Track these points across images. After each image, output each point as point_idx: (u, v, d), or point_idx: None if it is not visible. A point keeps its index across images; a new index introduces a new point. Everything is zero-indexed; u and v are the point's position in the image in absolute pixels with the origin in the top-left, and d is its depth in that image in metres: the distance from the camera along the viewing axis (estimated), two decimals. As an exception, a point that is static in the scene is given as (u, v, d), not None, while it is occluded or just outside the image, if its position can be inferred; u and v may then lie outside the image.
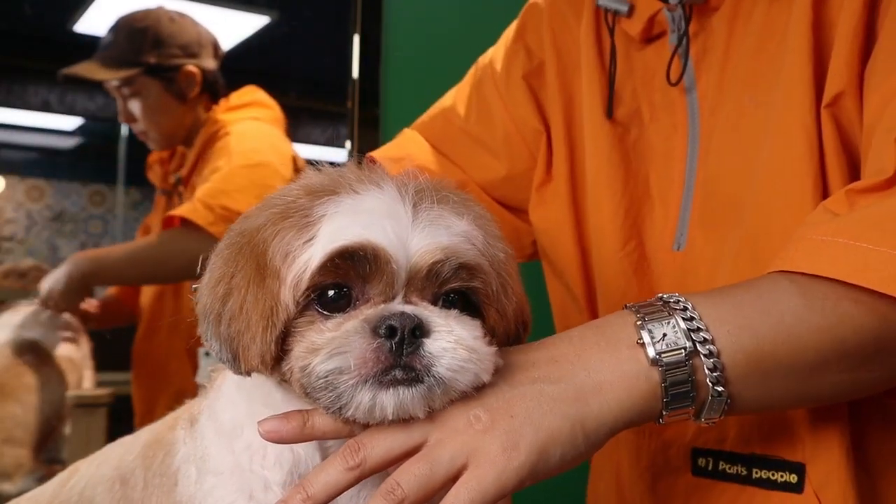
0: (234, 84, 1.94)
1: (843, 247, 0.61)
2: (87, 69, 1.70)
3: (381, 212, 0.57)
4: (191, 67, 1.75)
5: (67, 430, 1.53)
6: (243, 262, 0.59)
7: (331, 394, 0.55)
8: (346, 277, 0.57)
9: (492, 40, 1.07)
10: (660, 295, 0.64)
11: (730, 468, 0.79)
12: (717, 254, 0.81)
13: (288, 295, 0.56)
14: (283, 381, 0.60)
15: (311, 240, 0.56)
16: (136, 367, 1.87)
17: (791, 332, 0.62)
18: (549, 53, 1.01)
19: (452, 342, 0.56)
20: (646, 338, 0.61)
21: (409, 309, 0.57)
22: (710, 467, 0.80)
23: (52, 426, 1.52)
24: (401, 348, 0.55)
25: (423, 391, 0.56)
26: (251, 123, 1.83)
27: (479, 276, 0.60)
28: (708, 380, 0.60)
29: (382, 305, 0.57)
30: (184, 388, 1.29)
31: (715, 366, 0.60)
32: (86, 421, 1.48)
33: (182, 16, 1.77)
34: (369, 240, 0.55)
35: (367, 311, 0.57)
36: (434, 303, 0.59)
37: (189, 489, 0.65)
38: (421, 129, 1.11)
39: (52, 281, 1.59)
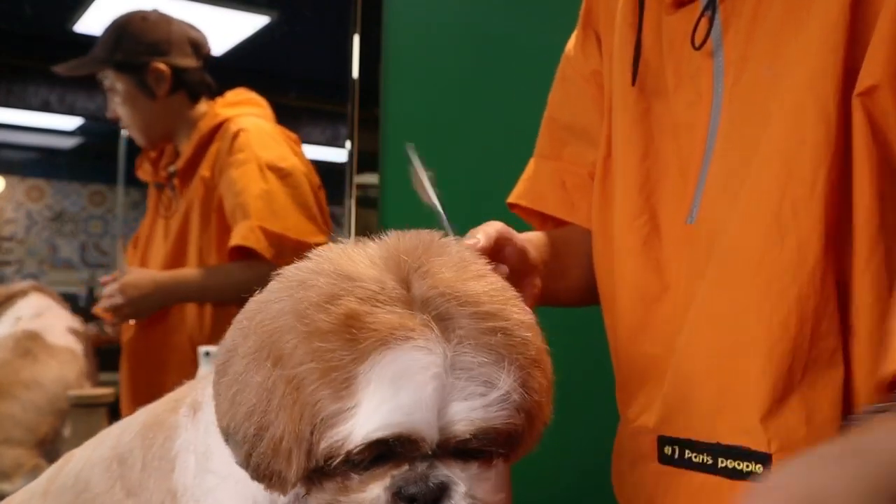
0: (235, 84, 1.94)
1: None
2: (74, 66, 1.80)
3: (423, 386, 0.55)
4: (159, 65, 1.78)
5: (67, 430, 1.52)
6: (279, 404, 0.57)
7: None
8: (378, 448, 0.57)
9: (492, 40, 1.07)
10: None
11: (695, 457, 0.80)
12: (716, 228, 0.80)
13: (320, 458, 0.57)
14: None
15: (352, 410, 0.55)
16: (130, 365, 1.85)
17: None
18: (602, 28, 0.99)
19: None
20: None
21: (433, 476, 0.57)
22: (676, 455, 0.81)
23: (52, 423, 1.51)
24: None
25: None
26: (259, 120, 1.86)
27: (508, 439, 0.60)
28: None
29: (407, 467, 0.57)
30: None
31: None
32: (86, 421, 1.48)
33: (160, 15, 1.82)
34: (407, 431, 0.55)
35: (393, 474, 0.57)
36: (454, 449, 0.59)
37: (185, 479, 0.65)
38: (538, 151, 1.10)
39: (135, 296, 1.66)
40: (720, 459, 0.78)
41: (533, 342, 0.62)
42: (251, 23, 2.10)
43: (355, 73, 2.00)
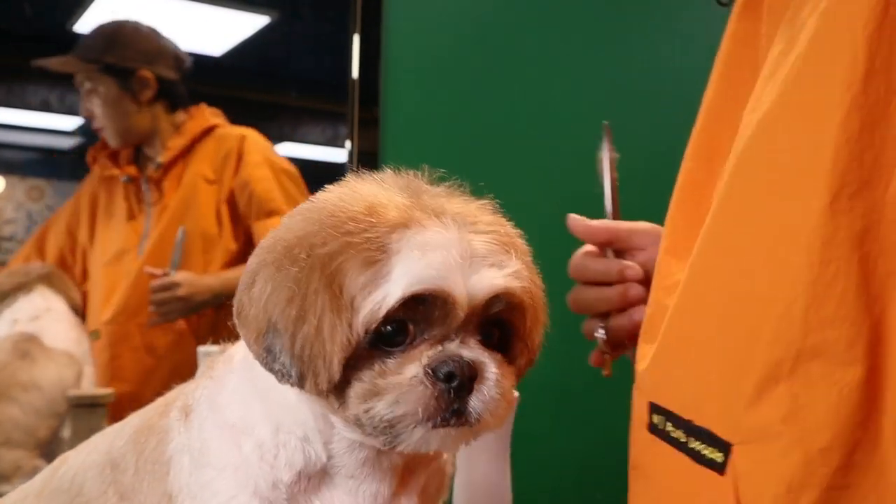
0: (236, 84, 1.96)
1: None
2: (61, 63, 1.87)
3: (448, 251, 0.60)
4: (145, 72, 1.90)
5: (67, 431, 1.51)
6: (317, 286, 0.60)
7: (389, 433, 0.60)
8: (412, 315, 0.60)
9: (492, 40, 1.06)
10: None
11: (673, 431, 0.70)
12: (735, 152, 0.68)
13: (360, 328, 0.59)
14: (326, 400, 0.63)
15: (386, 276, 0.58)
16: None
17: None
18: None
19: (499, 394, 0.61)
20: None
21: (466, 354, 0.60)
22: (661, 426, 0.72)
23: (51, 426, 1.50)
24: (458, 394, 0.59)
25: (466, 432, 0.61)
26: (244, 129, 1.99)
27: (521, 314, 0.64)
28: None
29: (440, 348, 0.60)
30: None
31: None
32: (86, 421, 1.48)
33: (151, 29, 1.94)
34: (441, 286, 0.59)
35: (428, 354, 0.60)
36: (477, 333, 0.63)
37: (181, 479, 0.65)
38: None
39: (189, 295, 1.79)
40: (691, 439, 0.68)
41: (527, 250, 0.66)
42: (251, 23, 2.10)
43: (355, 73, 2.00)
